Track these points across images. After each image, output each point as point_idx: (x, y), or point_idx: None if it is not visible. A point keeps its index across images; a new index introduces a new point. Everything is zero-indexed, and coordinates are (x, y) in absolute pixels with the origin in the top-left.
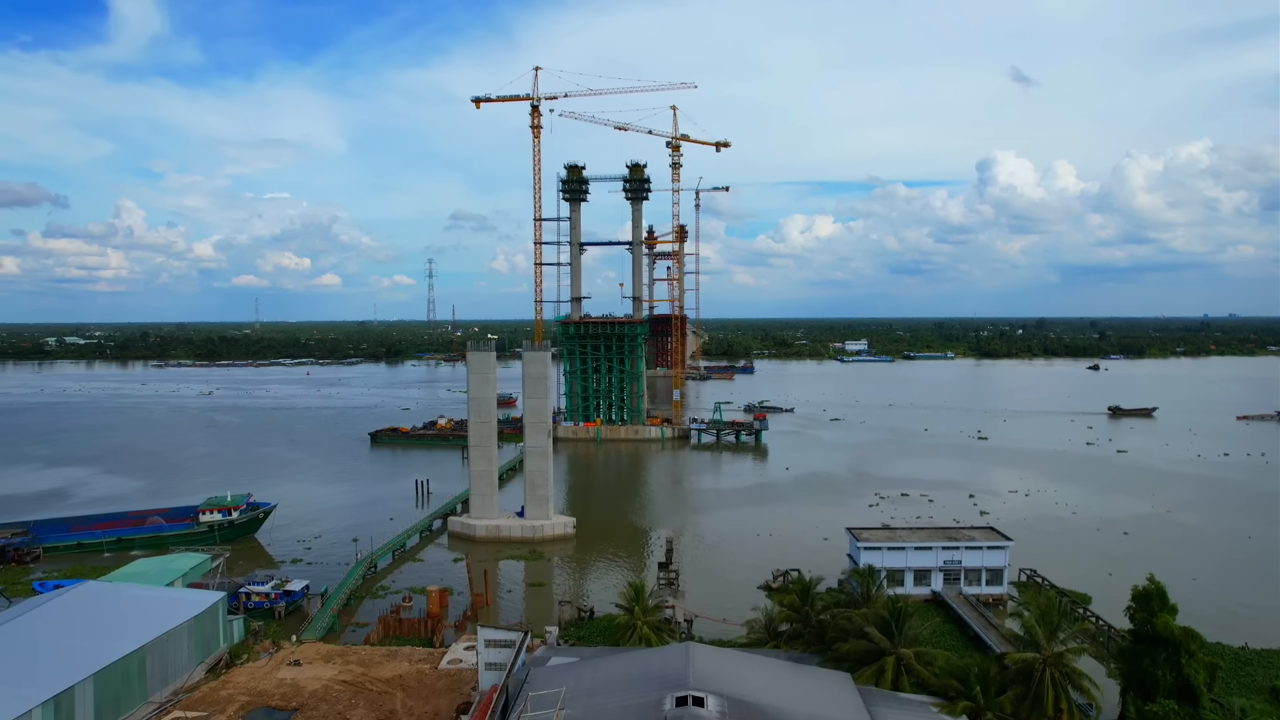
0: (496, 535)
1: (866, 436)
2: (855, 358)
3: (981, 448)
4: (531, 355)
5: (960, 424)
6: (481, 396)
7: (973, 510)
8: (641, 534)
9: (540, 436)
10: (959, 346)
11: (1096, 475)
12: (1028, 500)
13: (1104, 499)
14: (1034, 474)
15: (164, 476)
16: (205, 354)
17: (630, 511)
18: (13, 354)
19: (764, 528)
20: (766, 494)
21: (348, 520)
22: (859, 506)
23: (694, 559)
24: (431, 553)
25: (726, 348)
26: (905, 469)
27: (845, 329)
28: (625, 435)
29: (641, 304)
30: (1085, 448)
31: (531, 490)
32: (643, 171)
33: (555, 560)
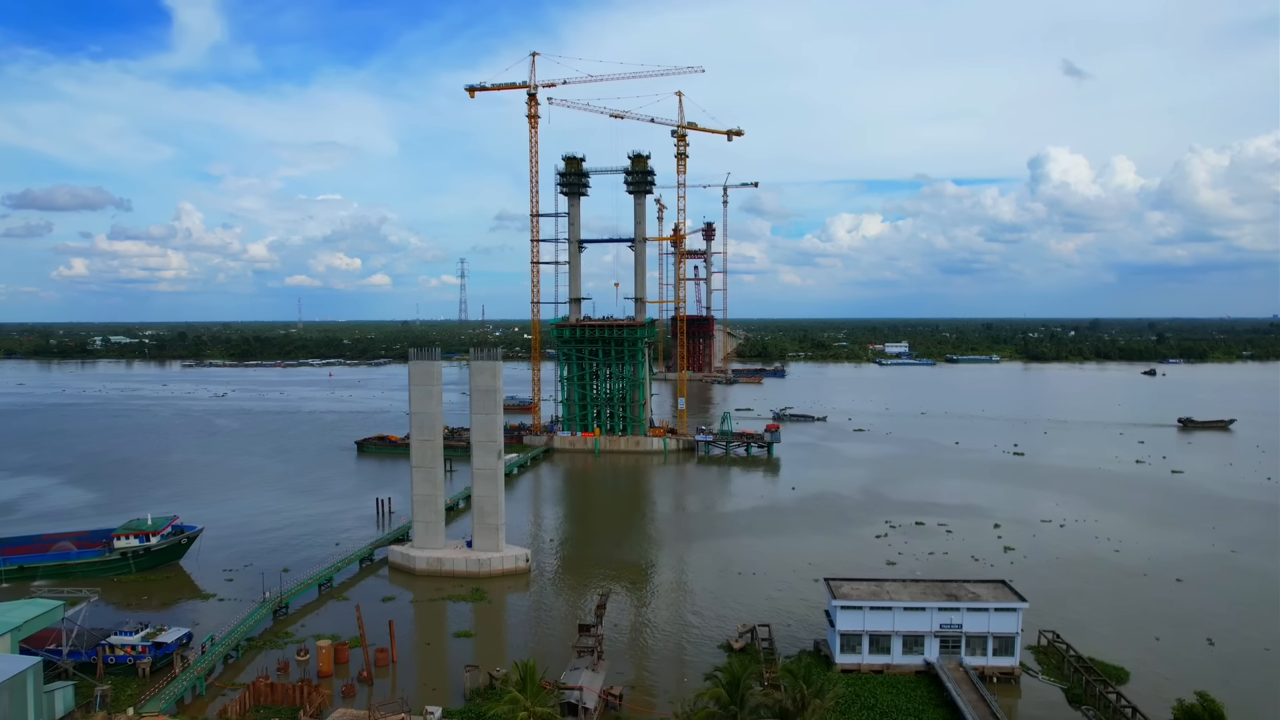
0: (438, 569)
1: (890, 450)
2: (895, 361)
3: (1016, 465)
4: (480, 365)
5: (996, 436)
6: (424, 411)
7: (996, 545)
8: (609, 569)
9: (489, 458)
10: (1006, 349)
11: (1146, 501)
12: (1063, 533)
13: (1154, 533)
14: (1073, 499)
15: (126, 488)
16: (239, 354)
17: (603, 540)
18: (58, 353)
19: (749, 563)
20: (763, 520)
21: (290, 544)
22: (865, 537)
23: (652, 607)
24: (367, 588)
25: (761, 349)
26: (925, 490)
27: (890, 330)
28: (625, 447)
29: (644, 305)
30: (1135, 467)
31: (480, 518)
32: (645, 163)
33: (498, 602)
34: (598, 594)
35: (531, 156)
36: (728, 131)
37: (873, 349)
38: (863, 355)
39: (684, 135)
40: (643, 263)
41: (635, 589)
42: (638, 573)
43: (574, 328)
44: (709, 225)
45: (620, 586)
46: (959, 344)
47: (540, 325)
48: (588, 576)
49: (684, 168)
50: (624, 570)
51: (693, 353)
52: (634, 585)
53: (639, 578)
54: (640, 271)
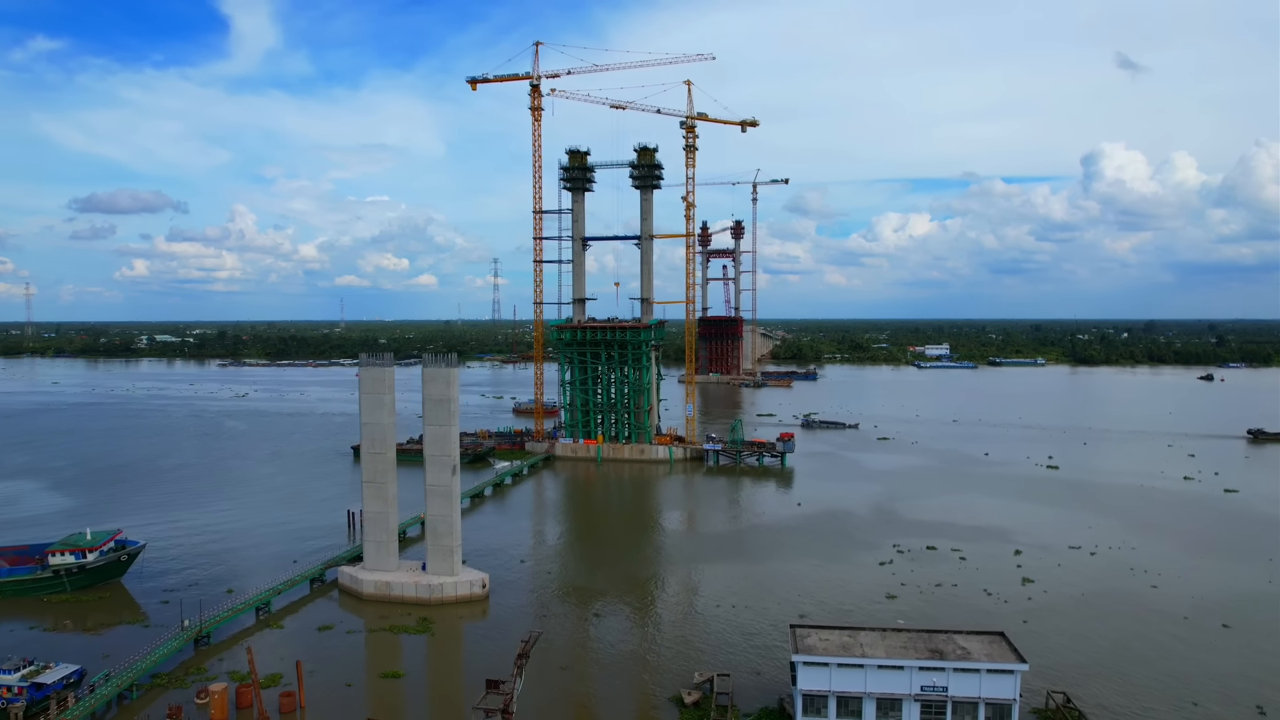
0: (386, 594)
1: (912, 461)
2: (934, 364)
3: (1048, 480)
4: (433, 373)
5: (1030, 447)
6: (375, 422)
7: (1013, 576)
8: (577, 597)
9: (443, 473)
10: (1052, 352)
11: (1193, 525)
12: (1092, 562)
13: (1200, 564)
14: (1108, 521)
15: (107, 495)
16: (274, 353)
17: (581, 563)
18: (105, 351)
19: (732, 593)
20: (758, 541)
21: (247, 559)
22: (867, 564)
23: (606, 645)
24: (308, 614)
25: (796, 351)
26: (943, 509)
27: (934, 331)
28: (629, 455)
29: (651, 306)
30: (1183, 484)
31: (433, 539)
32: (652, 156)
33: (445, 634)
34: (521, 640)
35: (534, 150)
36: (741, 122)
37: (912, 351)
38: (901, 358)
39: (693, 127)
40: (649, 261)
41: (595, 621)
42: (605, 601)
43: (576, 329)
44: (738, 223)
45: (581, 618)
46: (1003, 346)
47: (543, 329)
48: (551, 605)
49: (693, 160)
50: (591, 598)
51: (720, 355)
52: (596, 617)
53: (605, 608)
54: (647, 270)
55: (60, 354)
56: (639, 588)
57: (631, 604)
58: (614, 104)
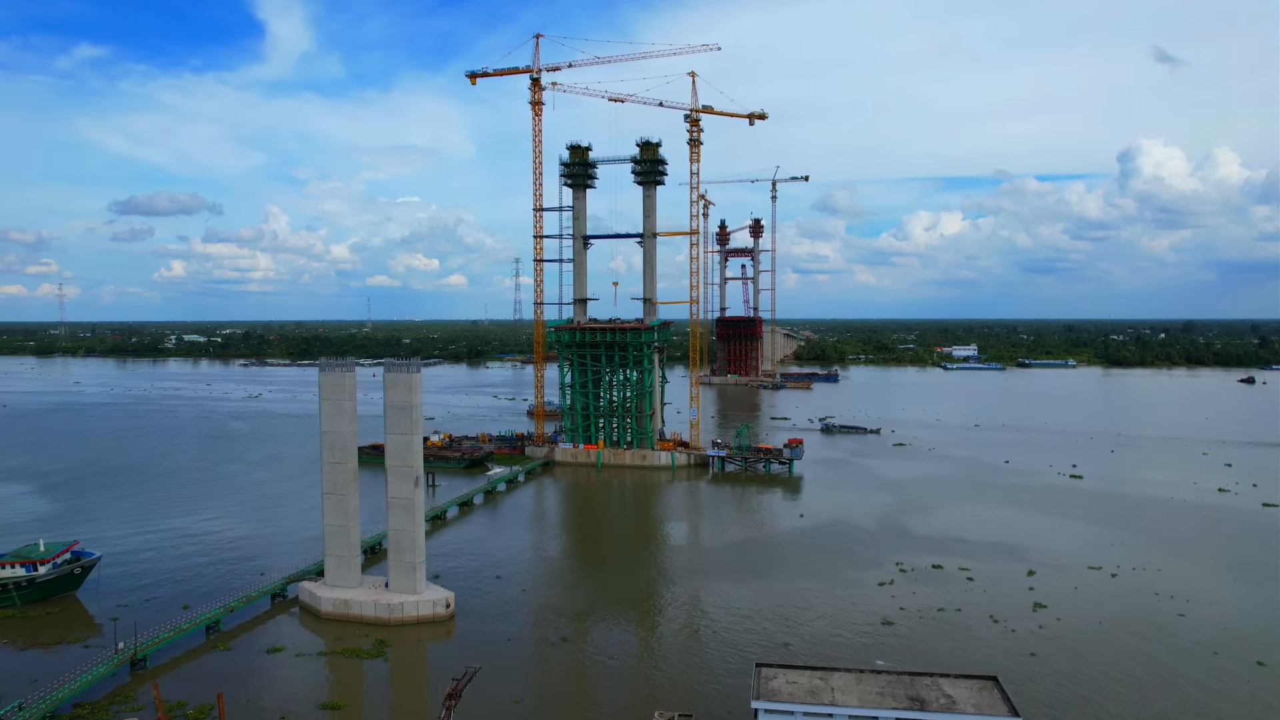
0: (345, 613)
1: (928, 470)
2: (961, 365)
3: (1070, 491)
4: (394, 378)
5: (1054, 454)
6: (335, 430)
7: (1024, 600)
8: (548, 618)
9: (405, 485)
10: (1084, 353)
11: (1227, 543)
12: (1113, 585)
13: (1234, 589)
14: (1133, 537)
15: (92, 498)
16: (297, 353)
17: (560, 579)
18: (134, 351)
19: (713, 618)
20: (749, 558)
21: (213, 570)
22: (866, 584)
23: (557, 679)
24: (261, 634)
25: (820, 352)
26: (955, 522)
27: (964, 332)
28: (631, 461)
29: (654, 306)
30: (1216, 496)
31: (395, 554)
32: (656, 151)
33: (401, 659)
34: (453, 678)
35: (535, 146)
36: (749, 115)
37: (939, 352)
38: (928, 359)
39: (698, 120)
40: (652, 260)
41: (561, 647)
42: (576, 624)
43: (575, 331)
44: (756, 221)
45: (548, 643)
46: (1034, 347)
47: (544, 330)
48: (519, 627)
49: (697, 155)
50: (563, 620)
51: (738, 356)
52: (564, 642)
53: (575, 632)
54: (650, 269)
55: (91, 354)
56: (615, 610)
57: (603, 628)
58: (613, 97)
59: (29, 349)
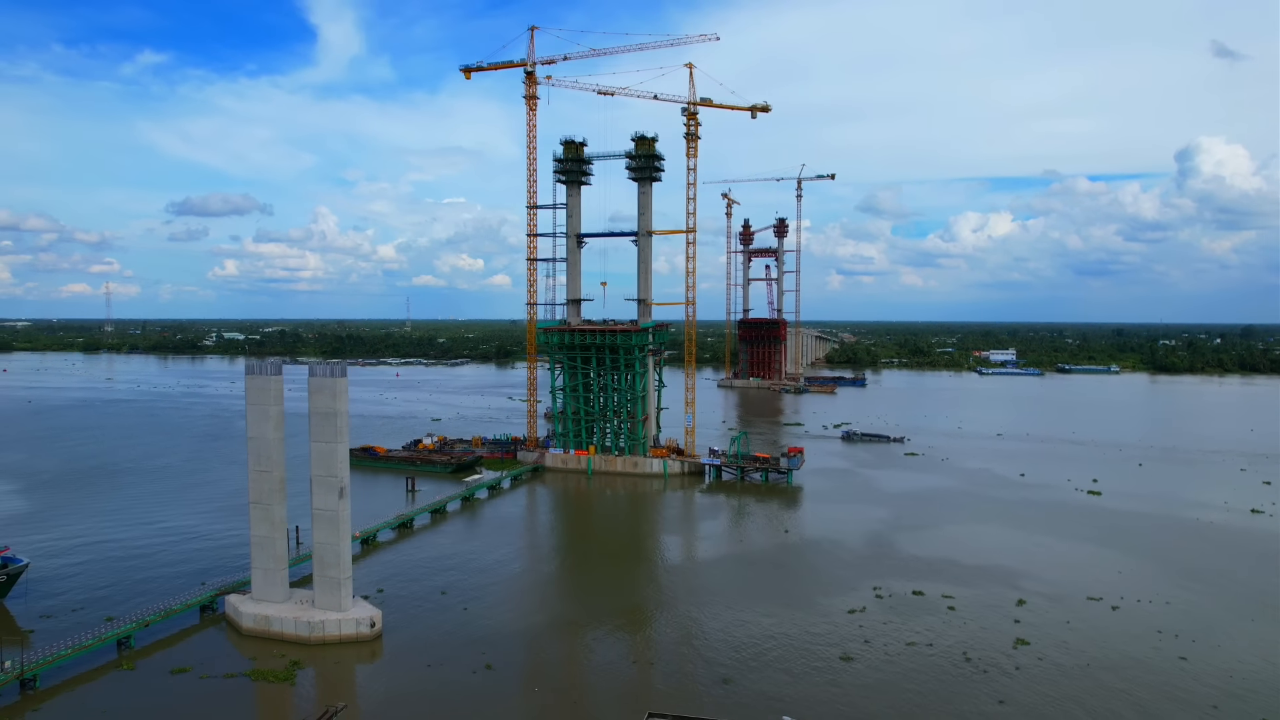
0: (265, 629)
1: (935, 482)
2: (998, 370)
3: (1085, 509)
4: (318, 383)
5: (1075, 467)
6: (261, 436)
7: (1007, 634)
8: (481, 641)
9: (329, 496)
10: (1129, 358)
11: (1250, 574)
12: (1113, 619)
13: (1247, 630)
14: (1143, 564)
15: (69, 498)
16: (330, 352)
17: (509, 598)
18: (173, 348)
19: (656, 650)
20: (717, 580)
21: (155, 578)
22: (835, 611)
23: (475, 713)
24: (180, 650)
25: (851, 355)
26: (950, 541)
27: (1007, 335)
28: (622, 468)
29: (649, 307)
30: (1248, 518)
31: (320, 570)
32: (651, 146)
33: (310, 685)
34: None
35: (529, 142)
36: (751, 108)
37: (976, 356)
38: (964, 363)
39: (695, 114)
40: (647, 259)
41: (470, 679)
42: (503, 650)
43: (565, 332)
44: (781, 221)
45: (471, 669)
46: (1077, 352)
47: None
48: (449, 649)
49: (694, 150)
50: (494, 645)
51: (762, 358)
52: (478, 673)
53: (501, 658)
54: (644, 269)
55: (134, 350)
56: (553, 635)
57: (534, 655)
58: (602, 90)
59: (77, 345)
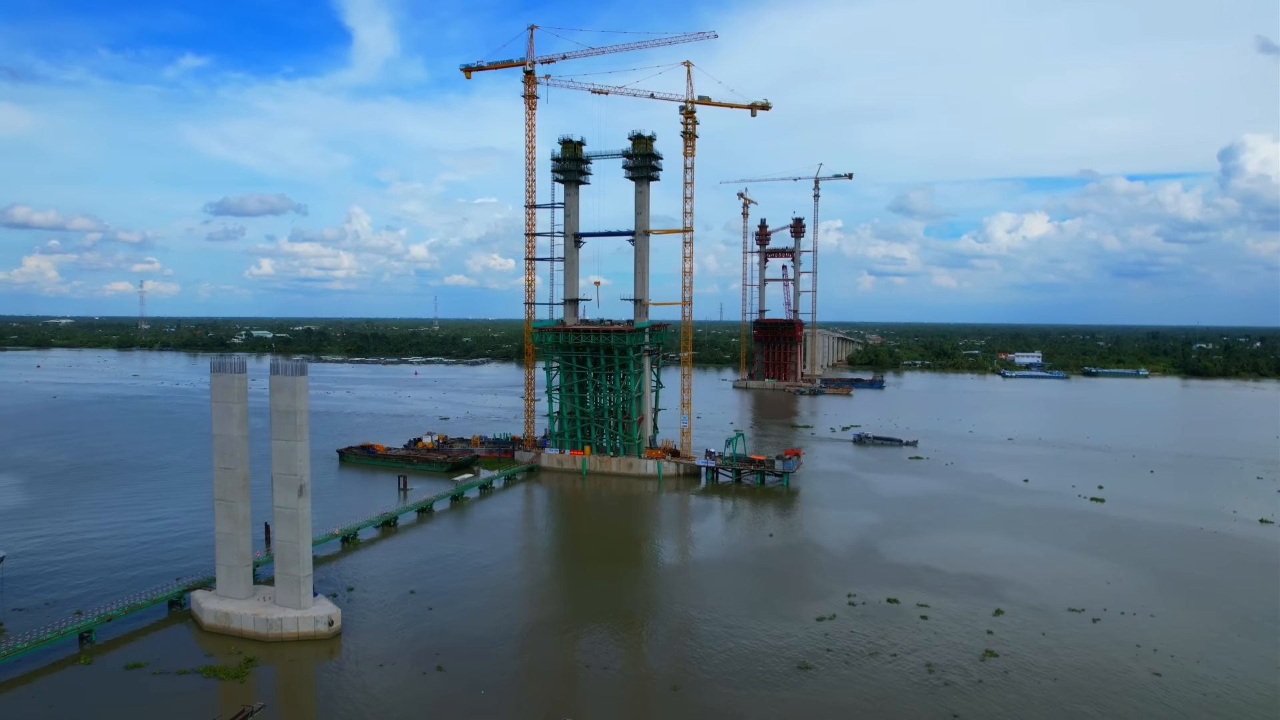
0: (225, 626)
1: (934, 487)
2: (1021, 373)
3: (1085, 517)
4: (279, 381)
5: (1083, 473)
6: (225, 434)
7: (976, 646)
8: (438, 643)
9: (290, 494)
10: (1160, 362)
11: (1245, 587)
12: (1091, 631)
13: (1230, 645)
14: (1136, 574)
15: (69, 491)
16: (355, 350)
17: (476, 599)
18: (202, 346)
19: (614, 655)
20: (686, 586)
21: (134, 572)
22: (802, 619)
23: (410, 712)
24: (142, 646)
25: (874, 357)
26: (935, 549)
27: (1038, 337)
28: (616, 469)
29: (646, 307)
30: (1255, 528)
31: (281, 567)
32: (649, 145)
33: (259, 683)
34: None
35: (528, 142)
36: (751, 105)
37: (1001, 359)
38: (988, 365)
39: (693, 112)
40: (644, 259)
41: (420, 680)
42: (458, 652)
43: (560, 332)
44: (797, 221)
45: (423, 672)
46: (1107, 355)
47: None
48: (405, 649)
49: (692, 149)
50: (448, 647)
51: (777, 359)
52: (428, 674)
53: (454, 659)
54: (641, 269)
55: (165, 348)
56: (513, 638)
57: (487, 658)
58: (596, 89)
59: (112, 342)
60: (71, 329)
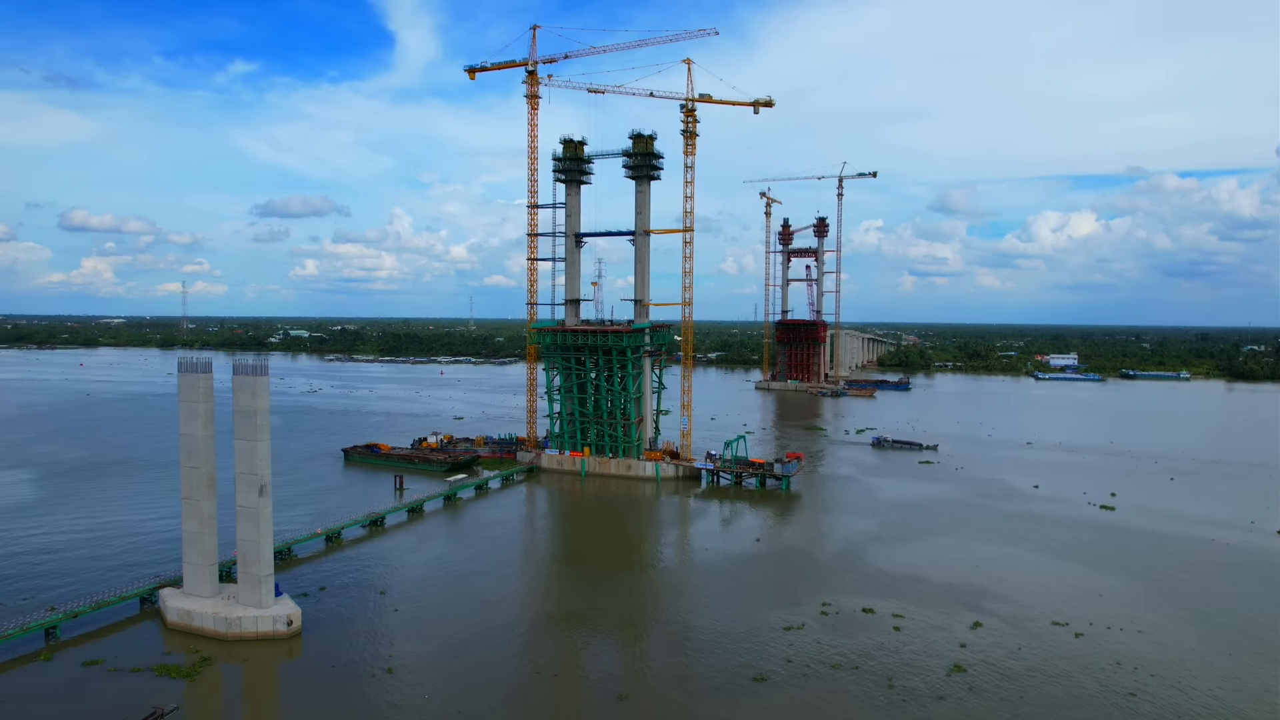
0: (187, 624)
1: (938, 492)
2: (1056, 375)
3: (1090, 526)
4: (241, 381)
5: (1098, 480)
6: (190, 434)
7: (945, 659)
8: (394, 648)
9: (251, 494)
10: (1204, 364)
11: (1246, 602)
12: (1071, 646)
13: (1220, 667)
14: (1130, 586)
15: (79, 487)
16: (388, 349)
17: (444, 604)
18: (241, 345)
19: (564, 661)
20: (659, 591)
21: (118, 567)
22: (771, 628)
23: (354, 713)
24: (107, 643)
25: (903, 358)
26: (924, 557)
27: (1080, 338)
28: (615, 471)
29: (646, 308)
30: (1272, 540)
31: (243, 566)
32: (649, 144)
33: (206, 683)
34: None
35: (530, 142)
36: (753, 103)
37: (1037, 360)
38: (1022, 368)
39: (693, 110)
40: (645, 259)
41: (369, 683)
42: (413, 655)
43: (559, 333)
44: (821, 220)
45: (369, 673)
46: (1148, 357)
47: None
48: (360, 651)
49: (692, 148)
50: (404, 651)
51: (800, 360)
52: (378, 676)
53: (407, 664)
54: (641, 269)
55: (205, 347)
56: (466, 642)
57: (441, 662)
58: (592, 88)
59: (155, 341)
60: (120, 329)
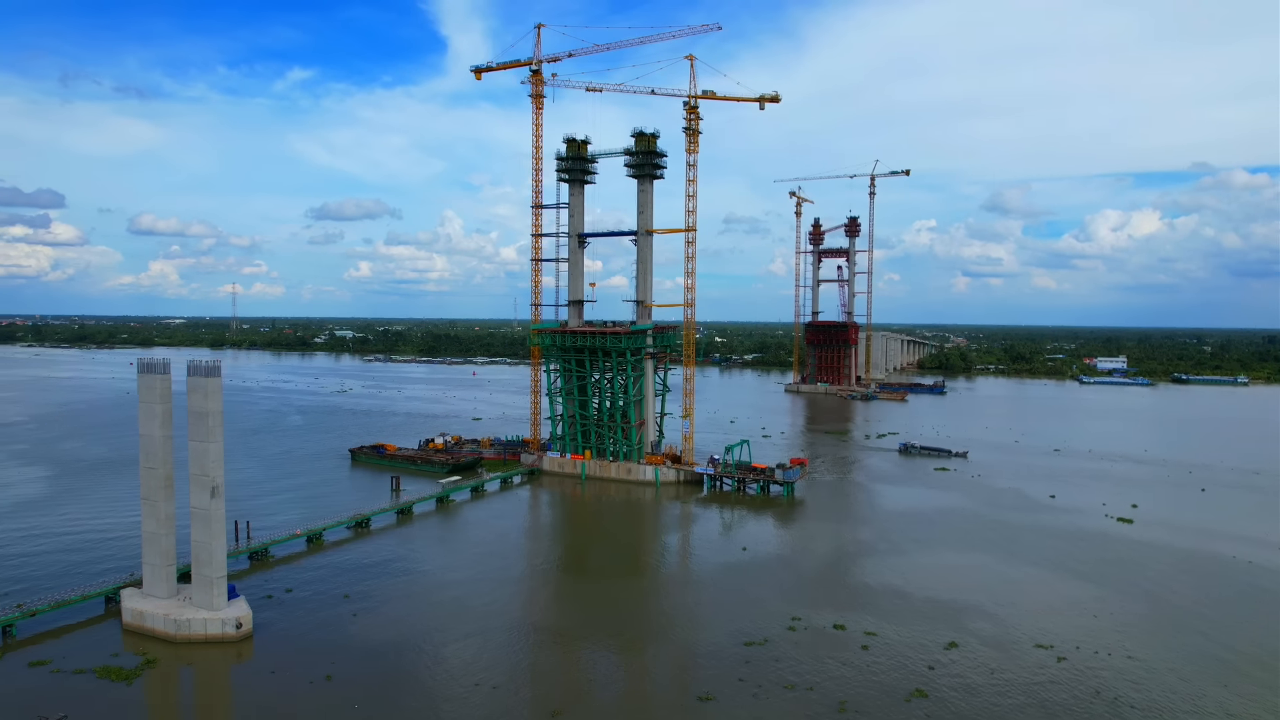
0: (140, 625)
1: (946, 502)
2: (1102, 379)
3: (1102, 540)
4: (195, 383)
5: (1122, 491)
6: (149, 434)
7: (907, 683)
8: (345, 654)
9: (203, 495)
10: (1265, 369)
11: (1256, 628)
12: (1050, 672)
13: (1211, 699)
14: (1129, 608)
15: (93, 482)
16: (427, 350)
17: (409, 610)
18: (286, 345)
19: (505, 674)
20: (630, 600)
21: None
22: (730, 643)
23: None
24: (62, 643)
25: (943, 360)
26: (914, 570)
27: (1136, 340)
28: (616, 475)
29: (648, 309)
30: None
31: (196, 568)
32: (652, 143)
33: (152, 686)
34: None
35: (535, 141)
36: (759, 98)
37: (1084, 363)
38: (1067, 371)
39: (695, 107)
40: (647, 259)
41: (306, 690)
42: (358, 662)
43: (560, 334)
44: (852, 220)
45: (312, 679)
46: (1206, 360)
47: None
48: (307, 656)
49: (695, 145)
50: (349, 658)
51: (830, 363)
52: (316, 683)
53: (349, 671)
54: (644, 269)
55: (253, 347)
56: (407, 653)
57: (381, 671)
58: (590, 87)
59: (206, 341)
60: (177, 329)
